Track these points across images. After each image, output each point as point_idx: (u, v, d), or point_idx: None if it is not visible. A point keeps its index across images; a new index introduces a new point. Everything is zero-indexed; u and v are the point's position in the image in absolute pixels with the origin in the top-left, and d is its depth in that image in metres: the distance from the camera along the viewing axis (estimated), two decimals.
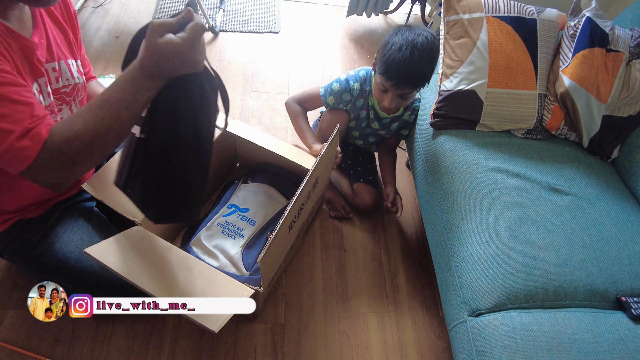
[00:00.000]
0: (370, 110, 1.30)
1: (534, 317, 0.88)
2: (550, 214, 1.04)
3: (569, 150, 1.23)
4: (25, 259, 0.96)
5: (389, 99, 1.15)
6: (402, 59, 1.06)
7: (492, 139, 1.21)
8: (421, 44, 1.06)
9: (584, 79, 1.15)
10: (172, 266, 0.94)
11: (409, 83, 1.11)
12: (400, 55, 1.06)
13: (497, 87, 1.18)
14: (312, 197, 1.15)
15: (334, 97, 1.27)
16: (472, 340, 0.90)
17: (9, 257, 0.98)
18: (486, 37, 1.19)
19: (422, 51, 1.06)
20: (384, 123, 1.33)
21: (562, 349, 0.83)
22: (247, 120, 1.71)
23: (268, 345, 1.15)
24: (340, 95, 1.27)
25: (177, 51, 0.64)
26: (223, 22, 2.14)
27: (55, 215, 0.99)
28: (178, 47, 0.64)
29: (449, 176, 1.12)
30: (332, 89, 1.27)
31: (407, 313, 1.27)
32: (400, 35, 1.09)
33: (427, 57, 1.08)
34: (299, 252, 1.35)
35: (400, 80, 1.10)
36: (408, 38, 1.07)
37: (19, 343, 1.05)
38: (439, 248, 1.10)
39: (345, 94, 1.26)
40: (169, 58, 0.64)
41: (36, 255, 0.95)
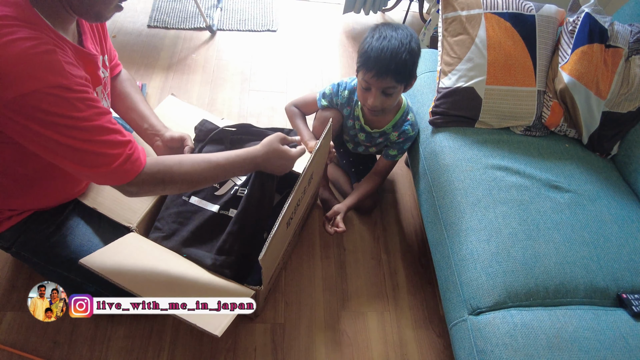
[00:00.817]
0: (356, 120, 1.29)
1: (534, 315, 0.88)
2: (550, 211, 1.04)
3: (569, 147, 1.23)
4: (38, 250, 0.96)
5: (373, 95, 1.10)
6: (381, 46, 1.04)
7: (491, 136, 1.20)
8: (401, 34, 1.05)
9: (583, 75, 1.14)
10: (170, 270, 0.93)
11: (389, 71, 1.06)
12: (379, 44, 1.04)
13: (496, 84, 1.17)
14: (308, 193, 1.14)
15: (326, 100, 1.29)
16: (473, 338, 0.89)
17: (18, 249, 0.97)
18: (484, 33, 1.18)
19: (400, 40, 1.04)
20: (370, 136, 1.32)
21: (562, 346, 0.82)
22: (245, 120, 1.70)
23: (268, 345, 1.14)
24: (331, 99, 1.28)
25: (287, 158, 0.96)
26: (220, 21, 2.13)
27: (69, 208, 1.00)
28: (289, 156, 0.97)
29: (448, 174, 1.12)
30: (325, 93, 1.29)
31: (407, 311, 1.26)
32: (378, 30, 1.08)
33: (407, 46, 1.05)
34: (298, 252, 1.34)
35: (381, 69, 1.06)
36: (387, 30, 1.06)
37: (17, 345, 1.05)
38: (438, 246, 1.09)
39: (335, 97, 1.28)
40: (278, 160, 0.95)
41: (49, 246, 0.96)
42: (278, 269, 1.16)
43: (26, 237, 0.95)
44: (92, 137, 0.71)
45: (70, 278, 0.96)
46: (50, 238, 0.96)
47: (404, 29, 1.07)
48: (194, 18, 2.09)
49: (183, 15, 2.10)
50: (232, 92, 1.80)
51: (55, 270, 0.96)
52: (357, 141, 1.37)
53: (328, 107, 1.30)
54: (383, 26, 1.08)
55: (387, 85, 1.08)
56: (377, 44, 1.04)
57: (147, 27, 2.03)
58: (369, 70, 1.07)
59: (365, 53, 1.06)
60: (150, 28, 2.02)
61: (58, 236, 0.97)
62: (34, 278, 1.15)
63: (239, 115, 1.71)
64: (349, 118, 1.30)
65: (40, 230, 0.96)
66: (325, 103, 1.29)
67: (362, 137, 1.33)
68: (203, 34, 2.05)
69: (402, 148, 1.30)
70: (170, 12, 2.11)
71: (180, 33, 2.03)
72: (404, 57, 1.05)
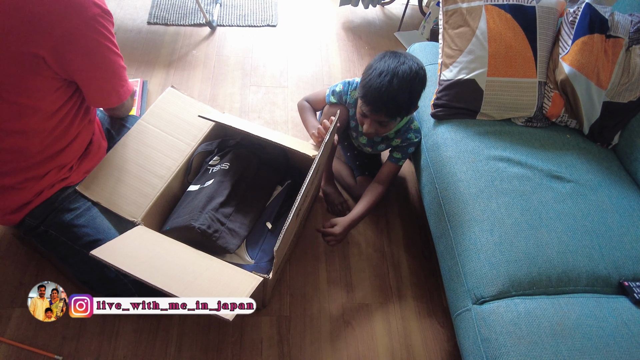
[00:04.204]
0: (357, 124, 1.30)
1: (537, 304, 0.89)
2: (552, 201, 1.05)
3: (570, 137, 1.23)
4: (66, 229, 1.00)
5: (368, 123, 1.14)
6: (380, 86, 1.04)
7: (492, 127, 1.21)
8: (402, 73, 1.04)
9: (583, 66, 1.15)
10: (180, 261, 0.94)
11: (384, 110, 1.08)
12: (379, 82, 1.04)
13: (497, 76, 1.18)
14: (314, 184, 1.16)
15: (335, 97, 1.30)
16: (477, 327, 0.90)
17: (47, 227, 1.00)
18: (485, 25, 1.18)
19: (401, 80, 1.04)
20: (372, 141, 1.33)
21: (566, 334, 0.83)
22: (246, 115, 1.71)
23: (274, 337, 1.15)
24: (340, 97, 1.29)
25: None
26: (220, 16, 2.12)
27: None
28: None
29: (451, 166, 1.12)
30: (336, 90, 1.30)
31: (411, 303, 1.27)
32: (383, 61, 1.07)
33: (406, 87, 1.05)
34: (302, 244, 1.35)
35: (376, 107, 1.08)
36: (390, 65, 1.05)
37: (26, 341, 1.06)
38: (442, 237, 1.10)
39: (345, 96, 1.29)
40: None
41: (79, 225, 1.00)
42: (285, 259, 1.17)
43: (56, 216, 0.99)
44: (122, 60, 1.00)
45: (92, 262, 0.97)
46: (81, 217, 1.01)
47: (412, 61, 1.07)
48: (194, 14, 2.09)
49: (183, 12, 2.10)
50: (233, 88, 1.80)
51: (81, 251, 0.98)
52: (359, 143, 1.39)
53: (336, 104, 1.31)
54: (390, 57, 1.08)
55: (381, 119, 1.12)
56: (377, 83, 1.05)
57: (147, 24, 2.02)
58: (366, 104, 1.10)
59: (365, 87, 1.08)
60: (150, 25, 2.02)
61: (88, 217, 1.01)
62: (41, 275, 1.16)
63: (240, 111, 1.72)
64: (353, 119, 1.31)
65: (71, 209, 1.00)
66: (334, 100, 1.30)
67: (363, 140, 1.35)
68: (203, 30, 2.05)
69: (406, 152, 1.30)
70: (170, 9, 2.11)
71: (180, 29, 2.03)
72: (401, 100, 1.06)
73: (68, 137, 0.99)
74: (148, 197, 1.08)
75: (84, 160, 1.07)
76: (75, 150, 1.03)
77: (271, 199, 1.23)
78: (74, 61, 0.87)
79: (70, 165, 1.03)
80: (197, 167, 1.24)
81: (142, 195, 1.07)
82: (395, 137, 1.29)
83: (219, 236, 1.04)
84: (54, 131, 0.95)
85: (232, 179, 1.13)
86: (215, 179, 1.12)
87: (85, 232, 1.00)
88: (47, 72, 0.85)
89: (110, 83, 1.00)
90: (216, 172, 1.15)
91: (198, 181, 1.16)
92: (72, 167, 1.04)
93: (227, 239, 1.06)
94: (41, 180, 0.98)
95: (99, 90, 0.99)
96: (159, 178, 1.12)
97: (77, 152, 1.04)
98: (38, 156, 0.95)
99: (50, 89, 0.89)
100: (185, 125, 1.24)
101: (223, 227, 1.06)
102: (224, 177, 1.13)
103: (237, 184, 1.14)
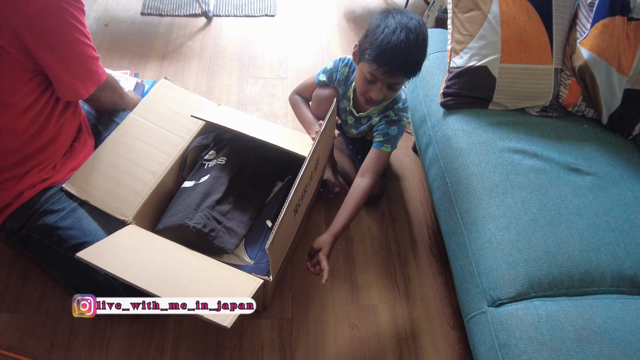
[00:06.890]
0: (347, 103, 1.23)
1: (559, 306, 0.82)
2: (571, 196, 0.98)
3: (587, 127, 1.16)
4: (50, 232, 0.93)
5: (378, 90, 1.03)
6: (398, 43, 0.95)
7: (506, 117, 1.14)
8: (415, 28, 0.96)
9: (604, 51, 1.08)
10: (174, 263, 0.89)
11: (403, 70, 1.00)
12: (396, 39, 0.95)
13: (511, 63, 1.11)
14: (314, 179, 1.09)
15: (325, 75, 1.23)
16: (494, 332, 0.84)
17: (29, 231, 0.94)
18: (497, 9, 1.11)
19: (417, 35, 0.96)
20: (359, 121, 1.25)
21: (592, 339, 0.77)
22: (245, 108, 1.64)
23: (275, 341, 1.09)
24: (331, 74, 1.23)
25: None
26: (217, 6, 2.05)
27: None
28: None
29: (463, 159, 1.06)
30: (327, 68, 1.23)
31: (419, 303, 1.21)
32: (391, 17, 0.98)
33: (421, 42, 0.98)
34: (304, 244, 1.29)
35: (395, 67, 0.98)
36: (401, 21, 0.97)
37: (12, 348, 1.00)
38: (453, 235, 1.04)
39: (335, 73, 1.22)
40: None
41: (63, 227, 0.94)
42: (286, 260, 1.11)
43: (38, 218, 0.93)
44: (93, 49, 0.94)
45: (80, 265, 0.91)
46: (66, 219, 0.94)
47: (414, 17, 0.99)
48: (189, 4, 2.02)
49: (177, 2, 2.03)
50: (230, 80, 1.73)
51: (67, 254, 0.92)
52: (347, 125, 1.32)
53: (325, 83, 1.23)
54: (397, 14, 0.99)
55: (397, 81, 1.03)
56: (393, 39, 0.95)
57: (140, 14, 1.95)
58: (382, 66, 0.98)
59: (380, 47, 0.96)
60: (143, 16, 1.95)
61: (73, 218, 0.95)
62: (27, 278, 1.10)
63: (238, 103, 1.65)
64: (343, 98, 1.24)
65: (55, 211, 0.94)
66: (324, 79, 1.23)
67: (350, 121, 1.27)
68: (199, 21, 1.97)
69: (388, 134, 1.16)
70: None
71: (175, 20, 1.96)
72: (419, 54, 0.99)
73: (47, 134, 0.93)
74: (140, 194, 1.01)
75: (69, 159, 1.00)
76: (57, 148, 0.97)
77: (271, 196, 1.17)
78: (36, 47, 0.81)
79: (53, 164, 0.97)
80: (192, 162, 1.17)
81: (133, 193, 1.01)
82: (376, 116, 1.20)
83: (215, 235, 0.98)
84: (30, 128, 0.89)
85: (229, 175, 1.07)
86: (211, 174, 1.06)
87: (71, 234, 0.93)
88: (12, 63, 0.80)
89: (77, 72, 0.92)
90: (212, 167, 1.08)
91: (193, 177, 1.10)
92: (55, 165, 0.98)
93: (224, 239, 1.00)
94: (21, 181, 0.92)
95: (63, 79, 0.90)
96: (152, 174, 1.05)
97: (60, 150, 0.98)
98: (15, 155, 0.90)
99: (20, 81, 0.83)
100: (179, 118, 1.17)
101: (220, 225, 1.00)
102: (220, 173, 1.07)
103: (235, 179, 1.07)
